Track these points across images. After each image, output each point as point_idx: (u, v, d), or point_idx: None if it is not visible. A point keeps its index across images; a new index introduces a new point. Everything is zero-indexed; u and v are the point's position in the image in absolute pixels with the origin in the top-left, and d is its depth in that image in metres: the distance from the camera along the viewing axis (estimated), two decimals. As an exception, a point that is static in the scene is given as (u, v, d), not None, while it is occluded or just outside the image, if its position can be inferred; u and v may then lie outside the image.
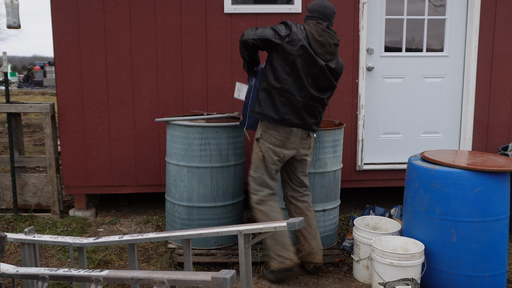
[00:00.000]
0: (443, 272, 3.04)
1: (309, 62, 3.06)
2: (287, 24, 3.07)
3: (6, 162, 4.57)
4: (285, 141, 3.14)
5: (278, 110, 3.08)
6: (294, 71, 3.04)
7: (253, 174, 3.25)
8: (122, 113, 4.42)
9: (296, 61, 3.03)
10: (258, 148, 3.21)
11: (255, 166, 3.24)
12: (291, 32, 3.03)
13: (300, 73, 3.05)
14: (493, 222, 2.96)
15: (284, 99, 3.07)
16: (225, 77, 4.42)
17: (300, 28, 3.08)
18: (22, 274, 2.11)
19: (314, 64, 3.08)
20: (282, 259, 3.18)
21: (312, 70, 3.08)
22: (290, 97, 3.07)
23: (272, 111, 3.09)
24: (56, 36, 4.30)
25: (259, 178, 3.23)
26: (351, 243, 3.70)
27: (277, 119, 3.09)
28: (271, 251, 3.21)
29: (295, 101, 3.08)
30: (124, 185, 4.52)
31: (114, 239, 2.54)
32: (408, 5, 4.52)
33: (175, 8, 4.32)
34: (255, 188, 3.25)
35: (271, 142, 3.15)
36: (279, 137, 3.14)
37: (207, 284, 1.73)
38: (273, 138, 3.14)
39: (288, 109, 3.08)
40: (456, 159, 3.17)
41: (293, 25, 3.07)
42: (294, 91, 3.07)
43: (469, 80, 4.58)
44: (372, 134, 4.65)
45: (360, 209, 4.79)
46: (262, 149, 3.18)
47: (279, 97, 3.07)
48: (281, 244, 3.18)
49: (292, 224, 2.37)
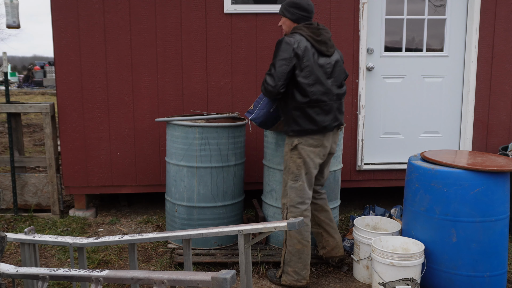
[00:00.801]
0: (443, 272, 3.04)
1: (322, 65, 3.10)
2: (287, 43, 3.02)
3: (6, 162, 4.57)
4: (323, 139, 3.17)
5: (315, 121, 3.09)
6: (315, 80, 3.06)
7: (293, 184, 3.14)
8: (122, 113, 4.42)
9: (313, 69, 3.05)
10: (297, 155, 3.13)
11: (295, 176, 3.14)
12: (295, 48, 3.01)
13: (320, 79, 3.08)
14: (493, 222, 2.96)
15: (318, 109, 3.09)
16: (225, 77, 4.42)
17: (298, 39, 3.05)
18: (22, 274, 2.11)
19: (327, 64, 3.13)
20: (299, 277, 3.16)
21: (327, 71, 3.12)
22: (322, 105, 3.10)
23: (310, 124, 3.09)
24: (56, 36, 4.30)
25: (300, 187, 3.13)
26: (351, 243, 3.70)
27: (316, 130, 3.11)
28: (288, 267, 3.17)
29: (326, 106, 3.12)
30: (124, 185, 4.52)
31: (114, 239, 2.53)
32: (408, 5, 4.52)
33: (175, 8, 4.32)
34: (296, 200, 3.15)
35: (310, 144, 3.12)
36: (317, 137, 3.14)
37: (207, 284, 1.73)
38: (311, 140, 3.12)
39: (324, 116, 3.11)
40: (456, 159, 3.17)
41: (292, 39, 3.03)
42: (323, 98, 3.10)
43: (469, 80, 4.58)
44: (372, 134, 4.65)
45: (360, 209, 4.79)
46: (303, 154, 3.11)
47: (312, 109, 3.09)
48: (304, 262, 3.16)
49: (292, 224, 2.37)
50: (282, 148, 3.60)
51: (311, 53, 3.04)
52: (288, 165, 3.17)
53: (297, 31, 3.11)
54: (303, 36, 3.07)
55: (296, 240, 3.14)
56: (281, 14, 3.21)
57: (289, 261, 3.16)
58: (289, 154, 3.17)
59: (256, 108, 3.35)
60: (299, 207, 3.15)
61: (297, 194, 3.14)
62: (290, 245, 3.15)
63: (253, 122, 3.37)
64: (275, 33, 4.38)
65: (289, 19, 3.17)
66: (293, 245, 3.14)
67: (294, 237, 3.14)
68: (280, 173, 3.63)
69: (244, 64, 4.41)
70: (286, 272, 3.18)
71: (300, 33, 3.08)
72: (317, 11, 4.35)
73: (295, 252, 3.14)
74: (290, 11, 3.17)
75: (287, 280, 3.18)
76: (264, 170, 3.84)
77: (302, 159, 3.12)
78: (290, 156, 3.16)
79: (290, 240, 3.15)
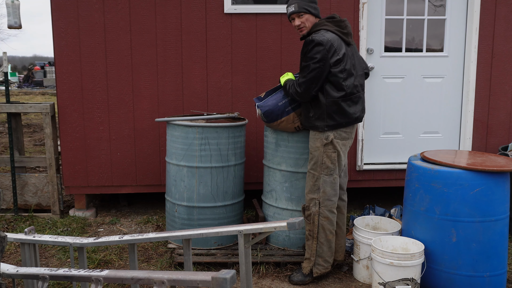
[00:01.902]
0: (443, 272, 3.04)
1: (352, 58, 3.15)
2: (320, 43, 3.00)
3: (6, 162, 4.57)
4: (352, 131, 3.25)
5: (349, 113, 3.13)
6: (348, 73, 3.10)
7: (328, 178, 3.18)
8: (122, 113, 4.42)
9: (346, 63, 3.08)
10: (332, 149, 3.16)
11: (330, 170, 3.18)
12: (329, 47, 3.01)
13: (352, 71, 3.12)
14: (493, 222, 2.96)
15: (350, 102, 3.13)
16: (225, 77, 4.42)
17: (329, 36, 3.04)
18: (22, 274, 2.11)
19: (355, 55, 3.19)
20: (328, 264, 3.28)
21: (354, 62, 3.17)
22: (353, 97, 3.14)
23: (345, 117, 3.13)
24: (56, 36, 4.30)
25: (335, 180, 3.21)
26: (351, 243, 3.70)
27: (349, 122, 3.16)
28: (319, 258, 3.26)
29: (356, 98, 3.16)
30: (124, 185, 4.52)
31: (114, 239, 2.54)
32: (408, 5, 4.52)
33: (175, 8, 4.32)
34: (331, 193, 3.21)
35: (343, 137, 3.18)
36: (348, 130, 3.21)
37: (207, 284, 1.73)
38: (343, 133, 3.18)
39: (355, 108, 3.17)
40: (456, 159, 3.17)
41: (324, 38, 3.01)
42: (354, 90, 3.15)
43: (469, 80, 4.58)
44: (372, 134, 4.65)
45: (360, 209, 4.79)
46: (338, 148, 3.16)
47: (345, 102, 3.11)
48: (332, 250, 3.28)
49: (292, 224, 2.37)
50: (282, 148, 3.60)
51: (343, 47, 3.08)
52: (322, 159, 3.17)
53: (322, 28, 3.11)
54: (331, 31, 3.07)
55: (328, 231, 3.23)
56: (304, 11, 3.16)
57: (321, 252, 3.25)
58: (321, 149, 3.17)
59: (267, 96, 3.38)
60: (333, 200, 3.22)
61: (332, 187, 3.20)
62: (322, 237, 3.22)
63: (259, 109, 3.37)
64: (275, 33, 4.38)
65: (313, 15, 3.19)
66: (325, 237, 3.23)
67: (327, 229, 3.21)
68: (280, 173, 3.63)
69: (244, 64, 4.41)
70: (318, 263, 3.26)
71: (327, 28, 3.09)
72: (317, 11, 4.35)
73: (326, 242, 3.24)
74: (313, 7, 3.20)
75: (318, 271, 3.27)
76: (264, 170, 3.84)
77: (337, 152, 3.17)
78: (323, 150, 3.17)
79: (323, 232, 3.22)
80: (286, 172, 3.61)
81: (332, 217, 3.23)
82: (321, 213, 3.20)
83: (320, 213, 3.20)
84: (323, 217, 3.20)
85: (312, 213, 3.21)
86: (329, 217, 3.21)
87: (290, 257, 3.56)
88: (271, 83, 4.39)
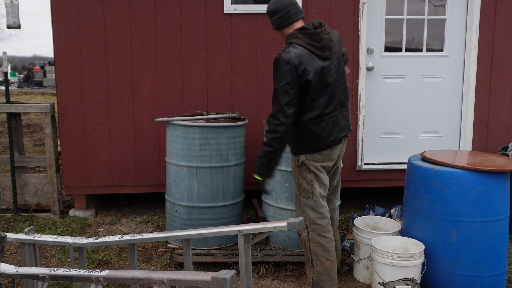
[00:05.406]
0: (443, 272, 3.04)
1: (326, 72, 2.82)
2: (286, 62, 2.71)
3: (6, 162, 4.57)
4: (331, 153, 2.94)
5: (322, 137, 2.85)
6: (319, 92, 2.81)
7: (307, 202, 2.92)
8: (122, 113, 4.42)
9: (317, 81, 2.78)
10: (306, 170, 2.90)
11: (308, 193, 2.91)
12: (297, 65, 2.72)
13: (325, 89, 2.82)
14: (493, 222, 2.96)
15: (323, 123, 2.84)
16: (225, 77, 4.42)
17: (296, 52, 2.73)
18: (22, 274, 2.11)
19: (331, 70, 2.85)
20: None
21: (333, 77, 2.86)
22: (326, 118, 2.85)
23: (317, 142, 2.86)
24: (56, 36, 4.30)
25: (317, 202, 2.91)
26: (351, 243, 3.70)
27: (324, 146, 2.88)
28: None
29: (331, 118, 2.87)
30: (124, 185, 4.52)
31: (114, 239, 2.54)
32: (408, 5, 4.52)
33: (175, 8, 4.32)
34: (315, 216, 2.91)
35: (318, 160, 2.90)
36: (324, 153, 2.92)
37: (207, 284, 1.73)
38: (318, 155, 2.90)
39: (330, 129, 2.87)
40: (456, 159, 3.16)
41: (291, 55, 2.72)
42: (327, 109, 2.85)
43: (469, 80, 4.58)
44: (372, 134, 4.65)
45: (360, 209, 4.79)
46: (312, 169, 2.89)
47: (317, 125, 2.84)
48: (333, 279, 2.96)
49: (292, 224, 2.36)
50: (282, 148, 3.58)
51: (314, 63, 2.75)
52: (298, 181, 2.96)
53: (292, 41, 2.81)
54: (301, 45, 2.76)
55: (323, 258, 2.92)
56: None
57: (319, 282, 2.94)
58: (296, 170, 2.95)
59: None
60: (320, 223, 2.92)
61: (314, 210, 2.92)
62: (317, 265, 2.93)
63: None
64: (275, 33, 4.38)
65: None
66: (321, 264, 2.92)
67: (321, 256, 2.92)
68: (280, 173, 3.63)
69: (244, 64, 4.41)
70: None
71: (297, 42, 2.78)
72: (317, 11, 4.35)
73: (324, 271, 2.93)
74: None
75: None
76: (264, 170, 3.83)
77: (313, 173, 2.91)
78: (298, 172, 2.94)
79: (317, 260, 2.93)
80: (286, 172, 3.61)
81: (325, 242, 2.92)
82: (311, 239, 2.92)
83: (310, 239, 2.93)
84: (314, 242, 2.92)
85: (303, 239, 2.98)
86: (321, 242, 2.91)
87: (290, 257, 3.56)
88: (271, 83, 4.39)
